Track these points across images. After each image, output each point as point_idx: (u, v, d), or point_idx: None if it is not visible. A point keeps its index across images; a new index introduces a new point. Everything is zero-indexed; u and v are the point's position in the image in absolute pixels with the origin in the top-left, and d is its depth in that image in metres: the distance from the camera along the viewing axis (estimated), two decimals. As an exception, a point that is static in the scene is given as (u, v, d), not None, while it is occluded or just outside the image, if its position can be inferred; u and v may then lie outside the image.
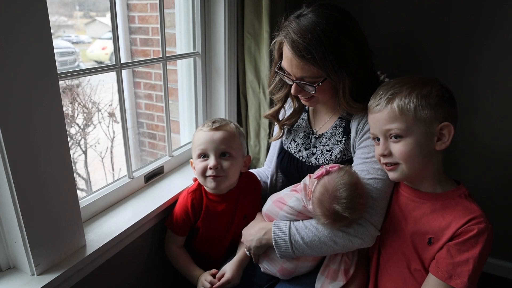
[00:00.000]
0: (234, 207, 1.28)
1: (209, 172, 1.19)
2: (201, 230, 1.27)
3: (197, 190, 1.27)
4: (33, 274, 0.93)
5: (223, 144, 1.20)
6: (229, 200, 1.27)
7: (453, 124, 0.93)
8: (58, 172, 0.93)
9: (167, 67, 1.42)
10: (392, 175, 1.00)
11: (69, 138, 0.97)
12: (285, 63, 1.10)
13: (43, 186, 0.90)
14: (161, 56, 1.40)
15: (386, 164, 1.00)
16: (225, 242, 1.30)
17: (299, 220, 1.09)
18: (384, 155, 0.99)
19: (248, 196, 1.31)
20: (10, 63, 0.78)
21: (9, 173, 0.82)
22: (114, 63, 1.20)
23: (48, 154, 0.89)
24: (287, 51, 1.07)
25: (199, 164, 1.22)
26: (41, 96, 0.85)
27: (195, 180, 1.31)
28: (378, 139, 1.01)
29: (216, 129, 1.21)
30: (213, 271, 1.20)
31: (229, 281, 1.15)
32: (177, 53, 1.60)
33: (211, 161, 1.19)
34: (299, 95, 1.17)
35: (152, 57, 1.43)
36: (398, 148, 0.96)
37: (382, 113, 0.97)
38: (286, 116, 1.31)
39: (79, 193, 1.02)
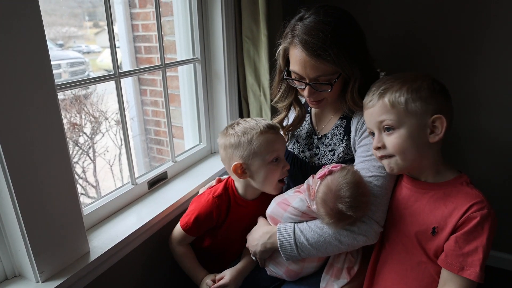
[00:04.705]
0: (260, 214, 1.24)
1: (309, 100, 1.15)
2: (219, 233, 1.24)
3: (224, 195, 1.23)
4: (38, 282, 0.95)
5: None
6: (255, 206, 1.25)
7: (446, 116, 0.93)
8: (59, 180, 0.95)
9: (170, 74, 1.44)
10: (388, 168, 1.01)
11: (77, 148, 0.99)
12: (296, 67, 1.10)
13: (44, 195, 0.92)
14: (160, 63, 1.42)
15: (382, 157, 1.01)
16: (240, 247, 1.28)
17: (303, 222, 1.09)
18: (378, 148, 1.00)
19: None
20: (9, 76, 0.80)
21: (9, 183, 0.85)
22: (121, 71, 1.23)
23: (48, 163, 0.91)
24: (298, 54, 1.07)
25: (273, 168, 1.17)
26: (40, 107, 0.87)
27: (218, 181, 1.29)
28: (374, 134, 1.02)
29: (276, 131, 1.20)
30: (216, 275, 1.20)
31: (225, 285, 1.15)
32: (178, 60, 1.62)
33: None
34: (309, 99, 1.17)
35: (152, 65, 1.44)
36: (391, 140, 0.97)
37: (375, 107, 0.99)
38: (290, 123, 1.31)
39: (89, 201, 1.03)
